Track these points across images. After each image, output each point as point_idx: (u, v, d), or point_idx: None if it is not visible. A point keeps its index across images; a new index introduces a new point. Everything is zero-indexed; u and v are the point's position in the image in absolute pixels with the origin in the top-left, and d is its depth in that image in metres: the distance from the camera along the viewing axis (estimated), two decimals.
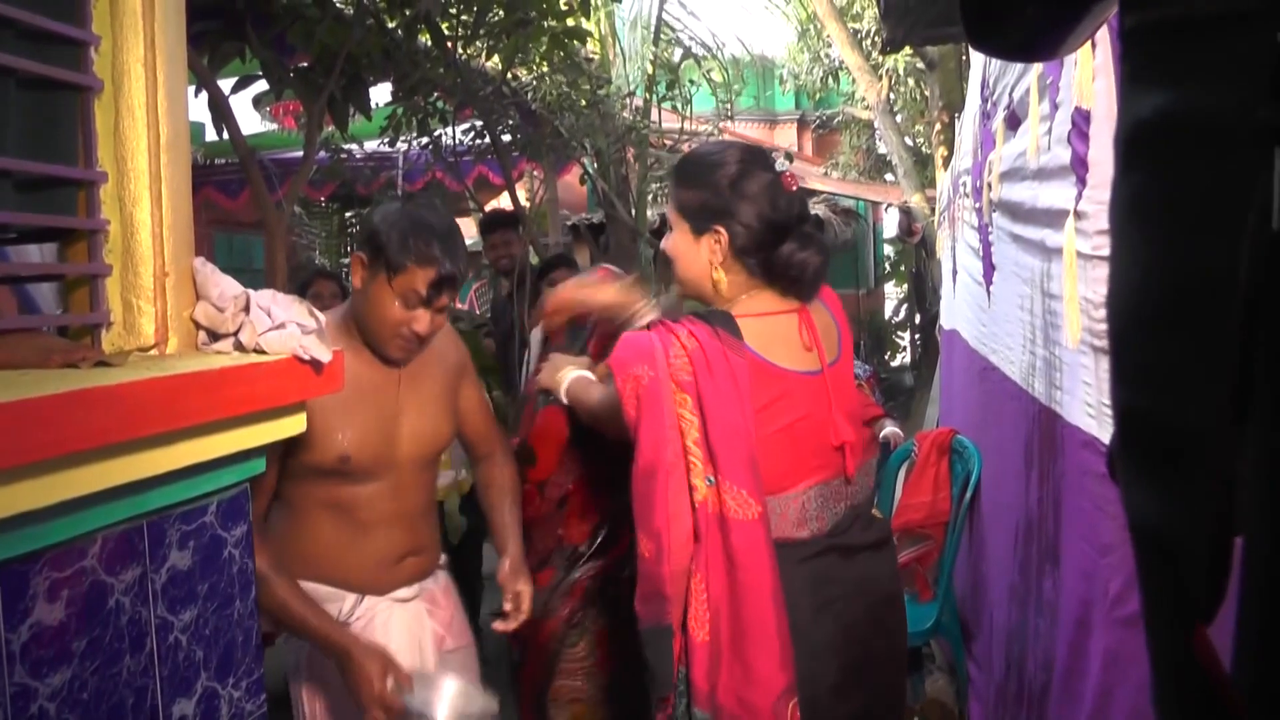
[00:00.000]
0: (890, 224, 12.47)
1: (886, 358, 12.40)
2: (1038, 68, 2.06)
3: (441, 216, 1.87)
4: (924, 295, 9.23)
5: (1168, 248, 0.56)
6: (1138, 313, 0.59)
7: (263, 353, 1.35)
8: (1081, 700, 1.80)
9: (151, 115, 1.34)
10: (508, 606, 1.95)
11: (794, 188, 1.74)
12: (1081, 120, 1.64)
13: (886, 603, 1.79)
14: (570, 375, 1.97)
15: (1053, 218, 1.94)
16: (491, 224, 4.99)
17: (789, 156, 1.81)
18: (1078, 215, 1.73)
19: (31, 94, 1.23)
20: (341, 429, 1.81)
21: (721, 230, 1.70)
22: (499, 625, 1.96)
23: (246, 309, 1.37)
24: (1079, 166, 1.69)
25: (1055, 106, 1.88)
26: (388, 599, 1.90)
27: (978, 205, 3.32)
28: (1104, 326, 1.73)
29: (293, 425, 1.40)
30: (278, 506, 1.89)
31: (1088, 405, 1.73)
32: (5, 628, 0.99)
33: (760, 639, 1.58)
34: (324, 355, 1.39)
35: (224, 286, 1.38)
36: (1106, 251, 1.67)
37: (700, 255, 1.74)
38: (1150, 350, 0.57)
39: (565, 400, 1.97)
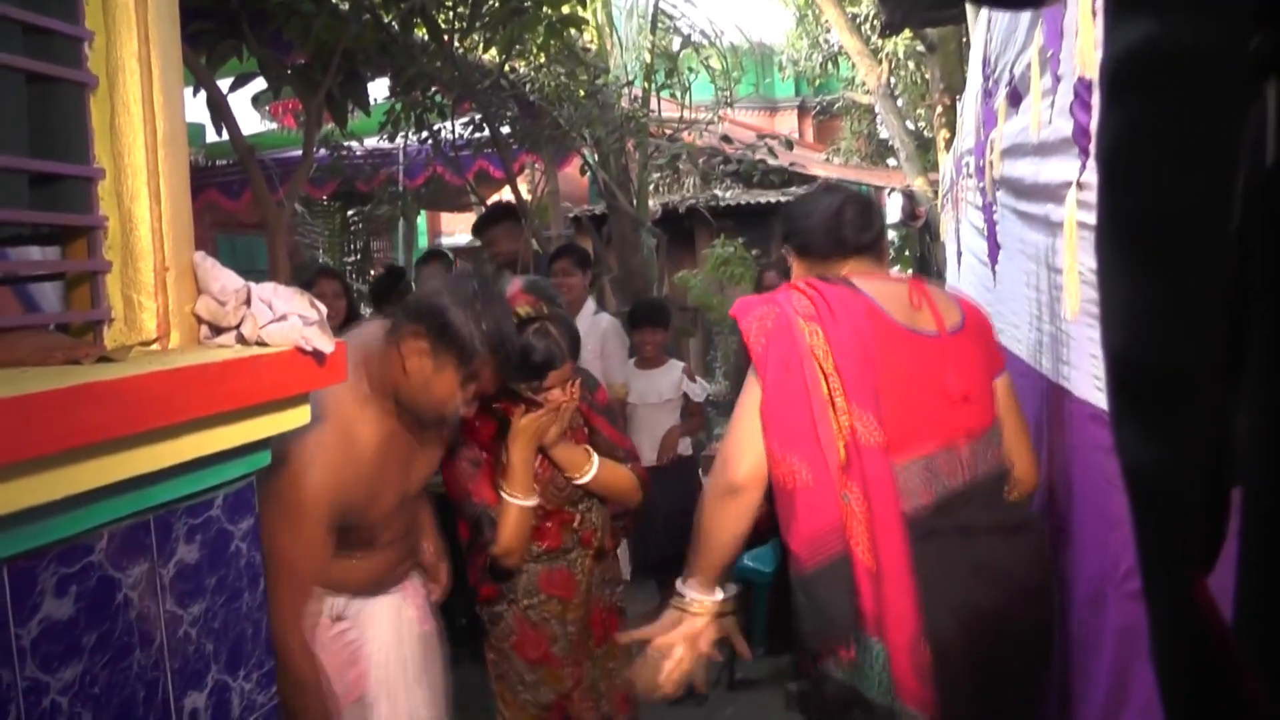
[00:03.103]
0: (893, 209, 12.41)
1: None
2: (1038, 41, 2.05)
3: (506, 303, 1.87)
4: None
5: (1157, 184, 0.54)
6: (1126, 252, 0.57)
7: (265, 345, 1.35)
8: (1098, 676, 1.80)
9: (147, 110, 1.33)
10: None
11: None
12: (1084, 90, 1.62)
13: (1016, 595, 1.66)
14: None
15: (1056, 191, 1.93)
16: (491, 219, 4.84)
17: (789, 144, 1.90)
18: (1081, 186, 1.71)
19: (26, 90, 1.22)
20: (379, 496, 1.84)
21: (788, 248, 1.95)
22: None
23: (248, 302, 1.36)
24: (1081, 137, 1.67)
25: (1057, 79, 1.87)
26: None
27: (981, 184, 3.30)
28: None
29: (297, 417, 1.39)
30: None
31: (1095, 378, 1.72)
32: (15, 623, 0.99)
33: (895, 573, 1.56)
34: (326, 346, 1.38)
35: (225, 280, 1.38)
36: (1094, 244, 1.65)
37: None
38: (1140, 291, 0.56)
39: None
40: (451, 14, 4.78)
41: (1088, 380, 1.78)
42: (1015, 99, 2.51)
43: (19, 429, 0.93)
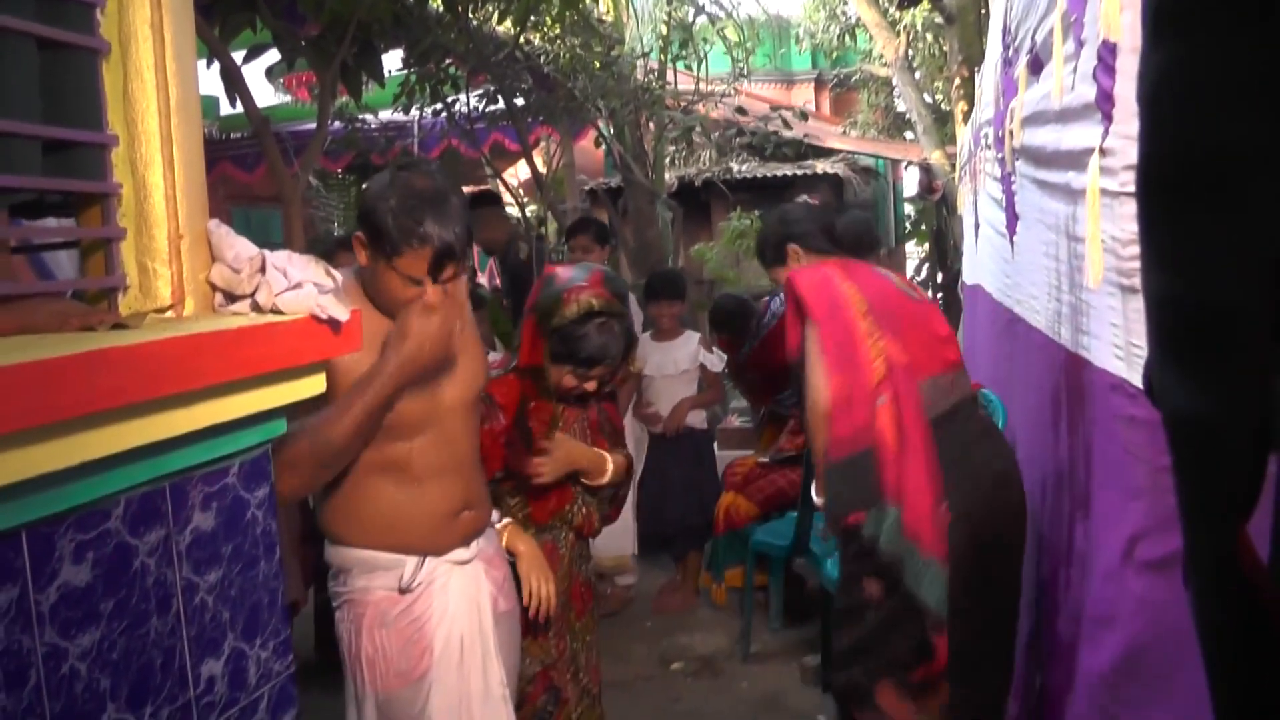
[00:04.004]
0: (910, 182, 12.32)
1: None
2: (1061, 6, 2.01)
3: (432, 182, 1.77)
4: (945, 253, 9.13)
5: (1202, 121, 0.52)
6: (1170, 192, 0.56)
7: (280, 313, 1.35)
8: (1110, 647, 1.79)
9: (160, 77, 1.32)
10: None
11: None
12: (1108, 54, 1.59)
13: (998, 476, 2.25)
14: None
15: (1077, 158, 1.90)
16: (471, 207, 4.78)
17: (803, 115, 1.94)
18: (1103, 152, 1.68)
19: (39, 56, 1.21)
20: None
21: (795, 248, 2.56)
22: None
23: (263, 270, 1.36)
24: (1104, 102, 1.64)
25: (1080, 44, 1.83)
26: (447, 561, 1.89)
27: (1000, 155, 3.26)
28: (1132, 265, 1.68)
29: (312, 385, 1.39)
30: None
31: (1116, 347, 1.70)
32: (34, 588, 1.00)
33: (917, 454, 2.10)
34: (341, 314, 1.38)
35: (239, 248, 1.37)
36: (1134, 188, 1.63)
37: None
38: (1184, 232, 0.54)
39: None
40: None
41: (1108, 350, 1.76)
42: (1036, 66, 2.47)
43: (35, 395, 0.93)
